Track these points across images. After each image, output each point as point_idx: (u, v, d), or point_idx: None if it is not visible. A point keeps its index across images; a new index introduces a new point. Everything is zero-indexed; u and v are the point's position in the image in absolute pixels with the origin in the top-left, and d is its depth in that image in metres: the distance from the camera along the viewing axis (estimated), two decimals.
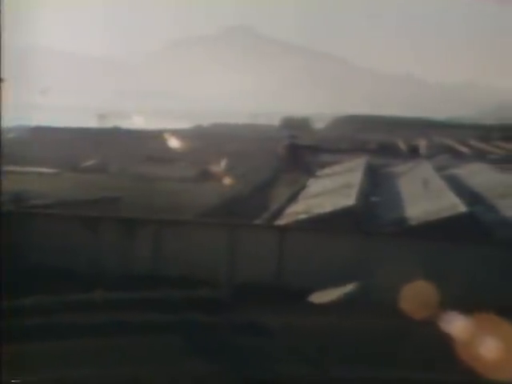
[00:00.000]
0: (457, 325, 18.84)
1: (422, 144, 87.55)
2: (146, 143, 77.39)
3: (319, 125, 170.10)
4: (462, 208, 28.08)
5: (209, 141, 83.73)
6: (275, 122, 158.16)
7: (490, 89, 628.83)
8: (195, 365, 16.52)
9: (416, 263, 23.91)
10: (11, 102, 25.58)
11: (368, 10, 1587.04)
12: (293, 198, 35.62)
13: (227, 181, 44.95)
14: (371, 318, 20.65)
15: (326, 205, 30.01)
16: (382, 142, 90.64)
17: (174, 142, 78.68)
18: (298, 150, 67.98)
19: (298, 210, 30.58)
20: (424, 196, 33.52)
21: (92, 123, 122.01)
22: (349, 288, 22.84)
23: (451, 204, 29.28)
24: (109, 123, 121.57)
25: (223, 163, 56.36)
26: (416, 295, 22.72)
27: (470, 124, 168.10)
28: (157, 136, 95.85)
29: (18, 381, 13.96)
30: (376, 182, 41.78)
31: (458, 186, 37.72)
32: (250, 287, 23.24)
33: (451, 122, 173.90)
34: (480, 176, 42.80)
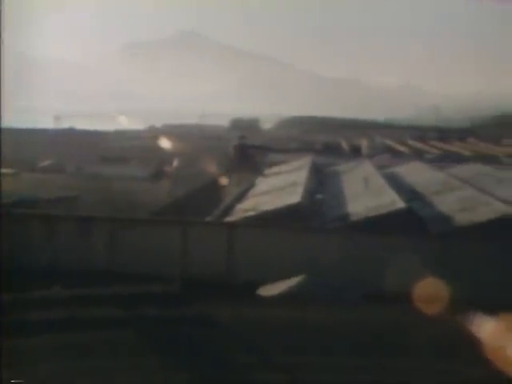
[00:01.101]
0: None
1: (364, 144, 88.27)
2: (100, 143, 76.73)
3: (267, 126, 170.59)
4: (400, 204, 28.44)
5: (161, 141, 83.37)
6: (225, 122, 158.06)
7: (426, 91, 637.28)
8: (151, 358, 16.54)
9: (358, 256, 24.26)
10: None
11: (311, 16, 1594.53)
12: (242, 196, 35.66)
13: (179, 180, 44.84)
14: (317, 310, 20.90)
15: (273, 202, 30.13)
16: (326, 142, 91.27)
17: (127, 143, 78.18)
18: (247, 150, 68.04)
19: (247, 208, 30.65)
20: (365, 193, 33.84)
21: (48, 124, 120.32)
22: (295, 281, 23.05)
23: (391, 200, 29.62)
24: (64, 124, 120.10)
25: (175, 163, 56.19)
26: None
27: (407, 125, 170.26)
28: (111, 136, 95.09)
29: None
30: (321, 181, 42.04)
31: (397, 184, 38.16)
32: (201, 282, 23.30)
33: (391, 123, 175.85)
34: (417, 174, 43.29)
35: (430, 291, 23.29)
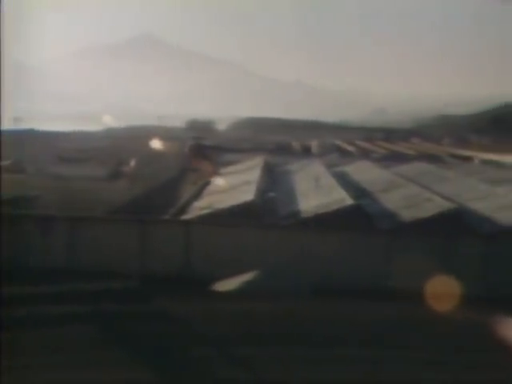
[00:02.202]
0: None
1: (314, 144, 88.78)
2: (60, 144, 75.66)
3: (221, 127, 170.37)
4: (349, 201, 28.66)
5: (119, 141, 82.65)
6: (181, 123, 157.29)
7: (371, 95, 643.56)
8: (111, 353, 16.33)
9: (309, 252, 24.33)
10: None
11: (264, 19, 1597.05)
12: (197, 195, 35.51)
13: (137, 179, 44.46)
14: (273, 304, 20.90)
15: (228, 200, 30.08)
16: (278, 142, 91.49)
17: (86, 143, 77.25)
18: (203, 150, 67.87)
19: (202, 206, 30.54)
20: (316, 191, 34.00)
21: (8, 125, 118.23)
22: (249, 277, 23.02)
23: (340, 198, 29.81)
24: (24, 125, 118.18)
25: (133, 163, 55.71)
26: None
27: (355, 126, 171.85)
28: (70, 137, 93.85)
29: None
30: (273, 179, 42.13)
31: (346, 182, 38.46)
32: (158, 278, 23.14)
33: (340, 125, 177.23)
34: (365, 173, 43.69)
35: (379, 284, 23.53)
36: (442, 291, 22.91)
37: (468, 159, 67.01)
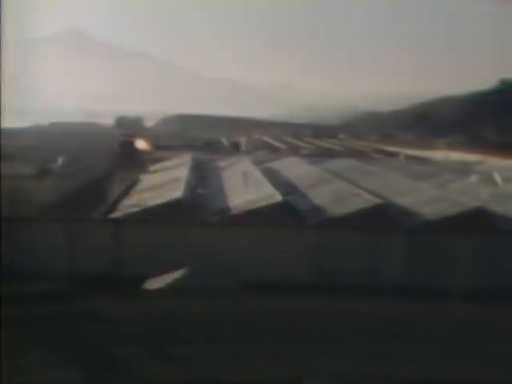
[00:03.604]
0: None
1: (243, 141, 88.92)
2: None
3: (151, 123, 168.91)
4: (278, 197, 28.82)
5: (46, 139, 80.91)
6: (110, 120, 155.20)
7: (299, 91, 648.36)
8: (41, 355, 16.02)
9: (239, 247, 24.35)
10: None
11: (193, 17, 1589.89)
12: (126, 193, 35.11)
13: (65, 177, 43.61)
14: (200, 300, 20.85)
15: (157, 198, 29.85)
16: (207, 139, 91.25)
17: (13, 141, 75.32)
18: (132, 147, 67.11)
19: (131, 204, 30.21)
20: (245, 188, 34.07)
21: None
22: (179, 273, 22.89)
23: (269, 194, 29.95)
24: None
25: (61, 160, 54.62)
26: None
27: (283, 122, 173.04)
28: None
29: None
30: (202, 176, 42.00)
31: (275, 178, 38.67)
32: (88, 277, 22.74)
33: (268, 121, 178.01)
34: (293, 168, 44.01)
35: (308, 278, 23.76)
36: (367, 283, 23.37)
37: (393, 155, 68.31)
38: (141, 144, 73.96)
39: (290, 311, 20.30)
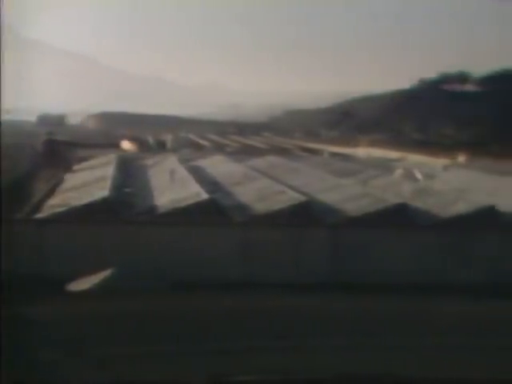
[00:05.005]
0: None
1: (169, 139, 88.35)
2: None
3: (74, 121, 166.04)
4: (204, 195, 28.83)
5: None
6: (32, 118, 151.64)
7: (225, 90, 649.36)
8: None
9: (167, 246, 24.27)
10: None
11: (122, 15, 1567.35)
12: (51, 192, 34.42)
13: None
14: (131, 301, 20.66)
15: (83, 197, 29.39)
16: (133, 137, 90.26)
17: None
18: (56, 146, 65.78)
19: (56, 203, 29.64)
20: (171, 186, 33.91)
21: None
22: (106, 274, 22.64)
23: (195, 192, 29.92)
24: None
25: None
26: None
27: (210, 120, 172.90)
28: None
29: None
30: (128, 175, 41.55)
31: (201, 176, 38.62)
32: (13, 279, 22.21)
33: (194, 119, 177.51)
34: (219, 166, 44.04)
35: (235, 276, 23.86)
36: (293, 280, 23.66)
37: (317, 152, 69.16)
38: (65, 142, 72.58)
39: (219, 310, 20.33)
